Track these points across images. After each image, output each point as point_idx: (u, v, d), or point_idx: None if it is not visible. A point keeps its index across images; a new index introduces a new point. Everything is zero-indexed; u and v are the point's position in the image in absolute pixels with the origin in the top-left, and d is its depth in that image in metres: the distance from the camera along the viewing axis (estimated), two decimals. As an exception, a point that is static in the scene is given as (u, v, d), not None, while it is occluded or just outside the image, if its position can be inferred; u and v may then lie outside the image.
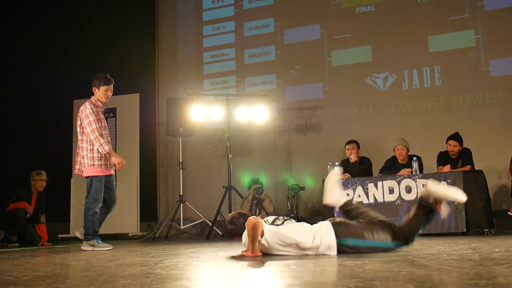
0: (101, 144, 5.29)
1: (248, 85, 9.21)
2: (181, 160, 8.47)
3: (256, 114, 8.14)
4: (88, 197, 5.32)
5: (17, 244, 6.87)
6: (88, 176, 5.36)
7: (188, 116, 8.15)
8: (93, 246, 5.25)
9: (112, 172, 5.54)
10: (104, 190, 5.40)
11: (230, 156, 8.01)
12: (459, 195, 3.62)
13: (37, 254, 4.94)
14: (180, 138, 8.54)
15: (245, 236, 3.69)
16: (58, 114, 9.31)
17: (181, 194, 8.34)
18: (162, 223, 8.54)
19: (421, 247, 4.07)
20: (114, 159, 5.35)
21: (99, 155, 5.35)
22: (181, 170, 8.45)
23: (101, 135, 5.32)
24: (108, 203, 5.50)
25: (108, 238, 7.95)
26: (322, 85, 8.72)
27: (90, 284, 2.34)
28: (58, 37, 9.80)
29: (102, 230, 5.61)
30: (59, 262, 3.76)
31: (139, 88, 9.03)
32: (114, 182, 5.66)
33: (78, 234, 5.78)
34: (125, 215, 8.37)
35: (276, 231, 3.62)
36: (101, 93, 5.50)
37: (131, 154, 8.50)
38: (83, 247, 5.29)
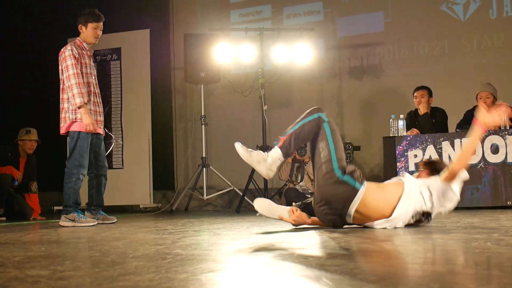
0: (73, 95, 5.33)
1: (287, 17, 9.09)
2: (203, 114, 8.48)
3: (298, 53, 8.06)
4: (70, 160, 5.40)
5: (4, 218, 7.05)
6: (73, 132, 5.42)
7: (211, 57, 8.12)
8: (73, 221, 5.31)
9: (101, 131, 5.64)
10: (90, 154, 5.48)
11: (264, 107, 7.98)
12: None
13: (28, 230, 5.08)
14: (202, 86, 8.54)
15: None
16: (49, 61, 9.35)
17: (204, 156, 8.37)
18: (181, 192, 8.62)
19: None
20: (85, 118, 5.34)
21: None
22: (203, 126, 8.47)
23: (78, 84, 5.33)
24: (98, 172, 5.63)
25: (114, 211, 8.11)
26: (384, 14, 8.54)
27: (94, 266, 2.40)
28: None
29: (106, 201, 5.70)
30: (55, 239, 3.86)
31: (149, 23, 9.00)
32: (103, 145, 5.75)
33: None
34: (135, 183, 8.50)
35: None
36: (89, 32, 5.55)
37: (140, 106, 8.61)
38: (61, 223, 5.36)
